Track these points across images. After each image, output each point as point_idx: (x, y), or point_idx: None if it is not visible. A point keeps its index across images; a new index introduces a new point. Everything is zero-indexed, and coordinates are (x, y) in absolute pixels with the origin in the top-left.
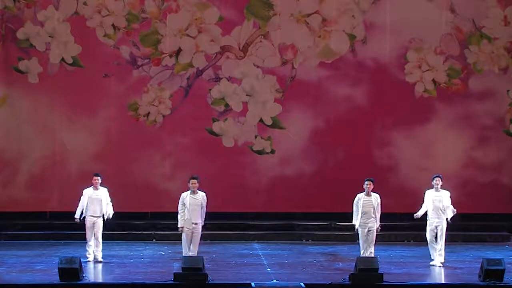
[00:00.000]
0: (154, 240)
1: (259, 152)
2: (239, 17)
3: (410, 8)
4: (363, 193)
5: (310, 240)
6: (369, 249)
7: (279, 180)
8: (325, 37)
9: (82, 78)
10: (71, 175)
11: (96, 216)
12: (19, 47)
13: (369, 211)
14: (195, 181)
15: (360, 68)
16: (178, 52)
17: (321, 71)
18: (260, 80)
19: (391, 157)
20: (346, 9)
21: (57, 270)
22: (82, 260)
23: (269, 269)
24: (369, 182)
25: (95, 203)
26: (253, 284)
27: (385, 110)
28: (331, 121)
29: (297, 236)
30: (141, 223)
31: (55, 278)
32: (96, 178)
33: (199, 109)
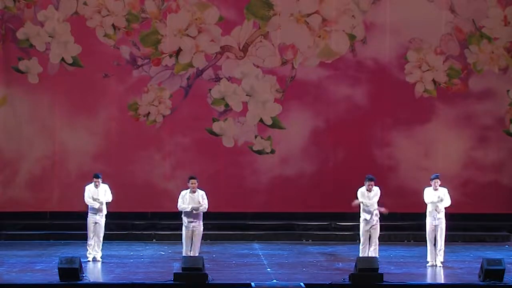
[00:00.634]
0: (154, 240)
1: (259, 152)
2: (239, 17)
3: (410, 8)
4: (364, 188)
5: (310, 240)
6: (370, 247)
7: (279, 180)
8: (325, 37)
9: (82, 78)
10: (71, 175)
11: (98, 214)
12: (19, 47)
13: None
14: (195, 181)
15: (360, 68)
16: (178, 52)
17: (321, 71)
18: (260, 80)
19: (391, 157)
20: (346, 9)
21: (57, 270)
22: (82, 260)
23: (269, 269)
24: (370, 183)
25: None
26: (253, 284)
27: (385, 110)
28: (331, 121)
29: (297, 236)
30: (141, 223)
31: (55, 278)
32: (96, 180)
33: (199, 109)
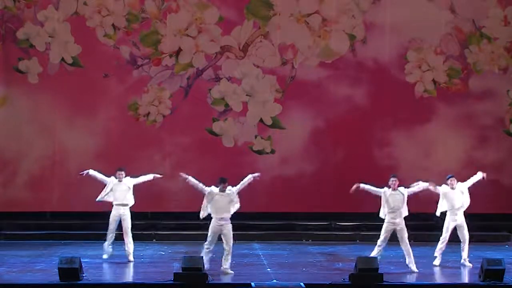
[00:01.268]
0: (154, 240)
1: (259, 152)
2: (239, 17)
3: (410, 8)
4: (388, 188)
5: (310, 240)
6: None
7: (279, 180)
8: (325, 37)
9: (82, 78)
10: (71, 175)
11: (122, 205)
12: (19, 47)
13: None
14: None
15: (360, 68)
16: (178, 52)
17: (321, 71)
18: (260, 80)
19: (391, 157)
20: (346, 9)
21: (57, 270)
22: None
23: (269, 269)
24: (394, 179)
25: (118, 191)
26: (253, 284)
27: (385, 110)
28: (331, 121)
29: (297, 236)
30: (141, 223)
31: (55, 278)
32: (120, 173)
33: (199, 109)
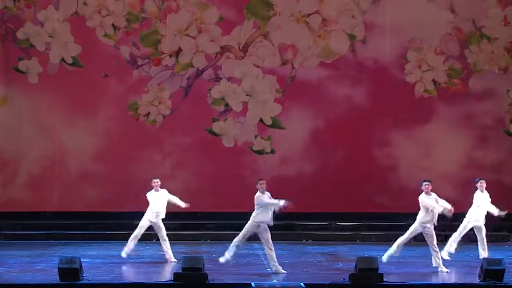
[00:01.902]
0: (154, 240)
1: (259, 152)
2: (239, 17)
3: (410, 8)
4: (424, 194)
5: (310, 240)
6: (437, 252)
7: (279, 180)
8: (325, 37)
9: (82, 78)
10: (71, 175)
11: (157, 214)
12: (19, 47)
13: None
14: (263, 181)
15: (360, 68)
16: (178, 52)
17: (321, 71)
18: (260, 80)
19: (391, 157)
20: (346, 9)
21: (57, 270)
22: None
23: (269, 269)
24: (427, 183)
25: (156, 200)
26: (253, 284)
27: (385, 110)
28: (331, 121)
29: (297, 236)
30: None
31: (55, 278)
32: (155, 181)
33: (199, 109)
